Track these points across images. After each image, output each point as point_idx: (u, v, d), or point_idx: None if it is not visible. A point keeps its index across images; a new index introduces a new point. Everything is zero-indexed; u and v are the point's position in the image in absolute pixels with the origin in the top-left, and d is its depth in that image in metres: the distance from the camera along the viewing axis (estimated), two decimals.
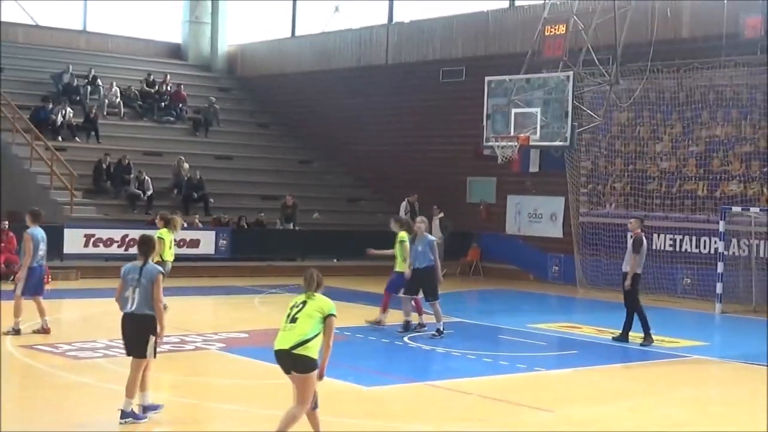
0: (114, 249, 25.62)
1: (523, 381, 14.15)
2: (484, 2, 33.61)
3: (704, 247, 25.71)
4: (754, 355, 16.76)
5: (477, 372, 14.56)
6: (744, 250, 24.63)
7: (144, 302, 10.54)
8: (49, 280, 17.55)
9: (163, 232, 18.11)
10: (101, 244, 25.15)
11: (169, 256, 18.90)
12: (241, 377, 13.97)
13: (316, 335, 9.33)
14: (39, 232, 16.19)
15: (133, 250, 24.33)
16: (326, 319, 9.38)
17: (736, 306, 23.53)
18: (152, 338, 10.54)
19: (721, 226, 23.50)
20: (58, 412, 10.24)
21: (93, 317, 18.85)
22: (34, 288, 16.13)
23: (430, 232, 30.75)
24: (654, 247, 26.56)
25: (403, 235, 18.19)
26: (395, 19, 36.78)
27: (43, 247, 16.17)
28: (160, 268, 10.81)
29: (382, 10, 37.18)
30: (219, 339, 16.66)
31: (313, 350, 9.33)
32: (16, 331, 15.77)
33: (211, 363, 15.04)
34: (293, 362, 9.32)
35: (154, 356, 10.61)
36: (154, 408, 10.71)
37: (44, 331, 16.04)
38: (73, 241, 25.32)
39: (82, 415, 10.39)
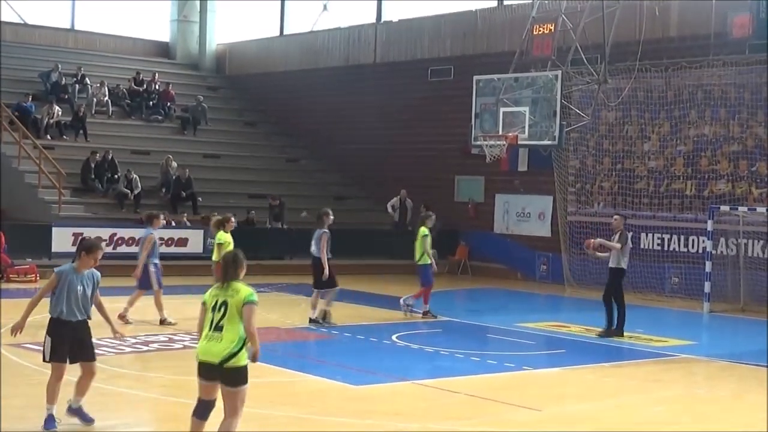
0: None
1: (511, 380, 14.16)
2: (473, 1, 33.61)
3: (692, 246, 25.73)
4: (742, 354, 16.81)
5: (465, 371, 14.55)
6: (732, 249, 24.65)
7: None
8: None
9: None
10: None
11: None
12: None
13: (243, 341, 8.64)
14: None
15: (122, 249, 24.71)
16: (243, 307, 8.67)
17: (724, 305, 23.54)
18: (46, 338, 10.29)
19: (709, 225, 23.53)
20: (41, 411, 10.21)
21: None
22: None
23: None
24: (642, 246, 26.59)
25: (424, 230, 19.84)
26: (384, 17, 36.78)
27: None
28: (61, 269, 10.32)
29: (370, 9, 37.19)
30: None
31: (243, 358, 8.63)
32: None
33: None
34: (223, 377, 8.62)
35: (45, 359, 10.33)
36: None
37: None
38: (62, 239, 25.16)
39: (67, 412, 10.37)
